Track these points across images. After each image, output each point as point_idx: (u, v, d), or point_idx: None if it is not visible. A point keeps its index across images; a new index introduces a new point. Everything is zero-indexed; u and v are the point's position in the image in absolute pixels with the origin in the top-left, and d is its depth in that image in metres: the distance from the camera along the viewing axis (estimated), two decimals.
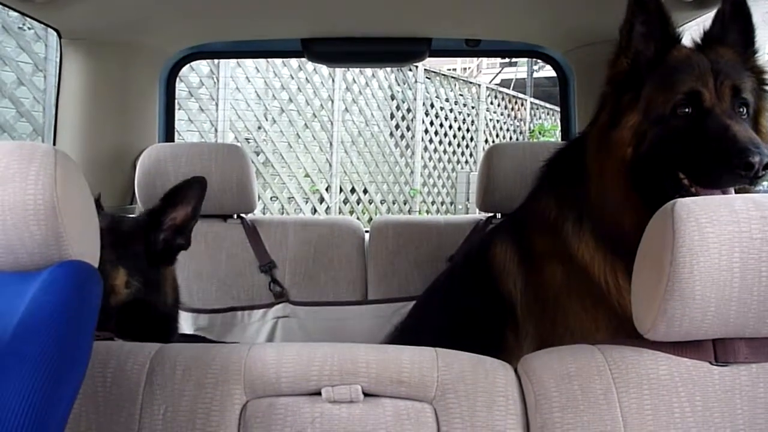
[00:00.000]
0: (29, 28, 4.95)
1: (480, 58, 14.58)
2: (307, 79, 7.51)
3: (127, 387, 1.09)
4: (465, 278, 1.77)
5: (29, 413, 0.82)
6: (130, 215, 2.10)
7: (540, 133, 11.51)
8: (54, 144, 2.27)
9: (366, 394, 1.10)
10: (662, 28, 1.39)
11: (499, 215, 2.28)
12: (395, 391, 1.10)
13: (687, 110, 1.34)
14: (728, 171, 1.25)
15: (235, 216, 2.33)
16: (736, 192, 1.33)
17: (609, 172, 1.40)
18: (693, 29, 1.51)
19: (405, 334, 1.86)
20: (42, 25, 2.17)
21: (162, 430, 1.07)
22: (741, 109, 1.36)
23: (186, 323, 2.22)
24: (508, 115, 11.16)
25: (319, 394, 1.09)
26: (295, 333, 2.25)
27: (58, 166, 0.95)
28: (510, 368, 1.13)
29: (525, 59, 12.84)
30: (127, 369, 1.11)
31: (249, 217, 2.36)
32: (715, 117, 1.31)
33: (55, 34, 2.19)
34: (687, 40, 1.45)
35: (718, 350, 1.07)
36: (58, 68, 2.26)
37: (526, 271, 1.58)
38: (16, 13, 2.09)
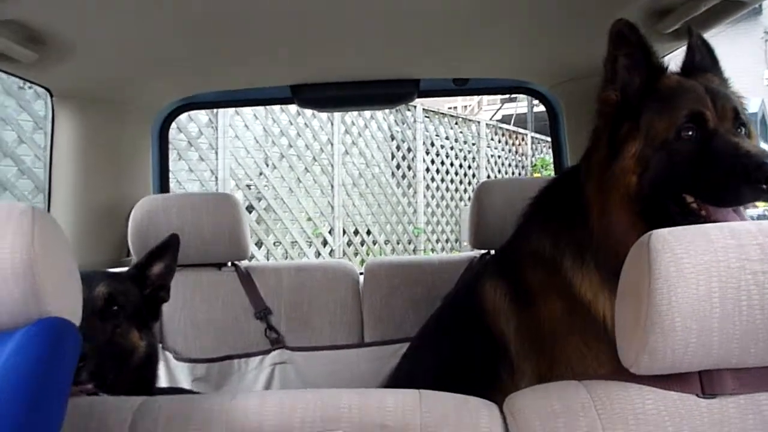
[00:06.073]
0: (29, 87, 5.02)
1: (480, 96, 14.71)
2: (305, 123, 7.59)
3: None
4: (455, 319, 1.75)
5: None
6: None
7: (542, 167, 11.56)
8: (49, 200, 2.29)
9: None
10: (646, 58, 1.40)
11: (492, 251, 2.27)
12: None
13: (691, 133, 1.34)
14: (748, 186, 1.25)
15: (230, 264, 2.33)
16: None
17: (614, 204, 1.39)
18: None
19: (400, 378, 1.84)
20: None
21: None
22: (740, 130, 1.37)
23: (183, 374, 2.21)
24: (510, 150, 11.23)
25: None
26: (293, 379, 2.22)
27: (36, 224, 0.95)
28: (495, 407, 1.11)
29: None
30: (109, 424, 1.09)
31: (243, 264, 2.35)
32: (722, 136, 1.32)
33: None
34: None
35: (705, 382, 1.05)
36: (51, 126, 2.29)
37: (519, 310, 1.56)
38: None
